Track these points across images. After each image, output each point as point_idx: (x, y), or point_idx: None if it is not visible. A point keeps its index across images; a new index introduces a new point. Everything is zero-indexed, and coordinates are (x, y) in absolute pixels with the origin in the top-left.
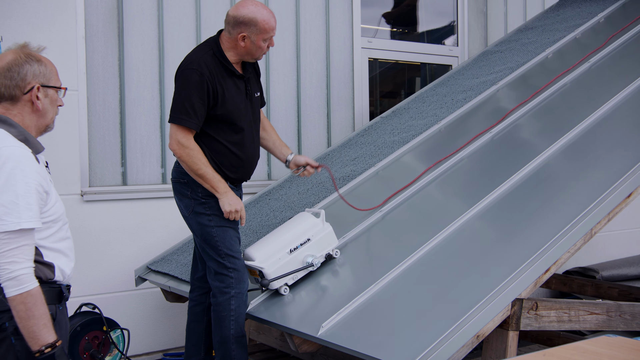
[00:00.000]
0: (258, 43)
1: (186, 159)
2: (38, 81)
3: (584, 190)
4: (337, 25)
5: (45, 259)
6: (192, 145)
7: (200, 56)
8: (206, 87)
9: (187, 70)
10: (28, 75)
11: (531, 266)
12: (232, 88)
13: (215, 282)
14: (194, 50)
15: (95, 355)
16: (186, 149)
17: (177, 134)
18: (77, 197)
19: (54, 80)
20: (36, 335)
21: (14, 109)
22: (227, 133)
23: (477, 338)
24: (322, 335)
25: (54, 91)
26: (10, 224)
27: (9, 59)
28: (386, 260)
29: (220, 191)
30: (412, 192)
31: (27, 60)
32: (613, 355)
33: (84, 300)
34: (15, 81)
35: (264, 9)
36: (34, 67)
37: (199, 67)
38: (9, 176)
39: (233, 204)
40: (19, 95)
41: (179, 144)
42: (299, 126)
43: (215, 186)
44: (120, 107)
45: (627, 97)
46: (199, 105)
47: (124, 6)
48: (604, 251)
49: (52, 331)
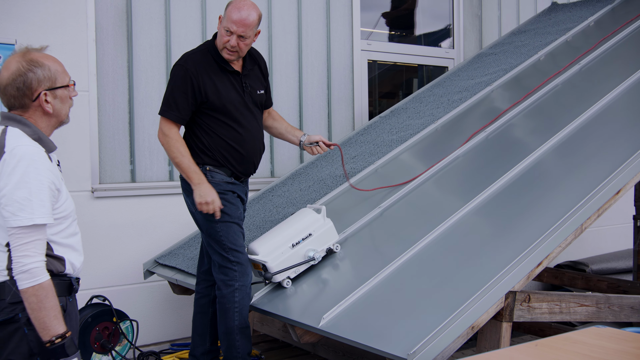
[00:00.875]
0: (221, 30)
1: (166, 146)
2: (44, 87)
3: (575, 187)
4: (338, 28)
5: (56, 253)
6: (172, 134)
7: (191, 53)
8: (190, 81)
9: (175, 67)
10: (33, 83)
11: (524, 260)
12: (226, 83)
13: (220, 275)
14: (191, 50)
15: (106, 345)
16: (166, 137)
17: (161, 124)
18: (88, 193)
19: (60, 79)
20: (47, 326)
21: (26, 115)
22: (226, 128)
23: (472, 329)
24: (323, 326)
25: (63, 89)
26: (24, 220)
27: (13, 69)
28: (385, 255)
29: (194, 182)
30: (410, 189)
31: (30, 68)
32: (602, 345)
33: (94, 293)
34: (22, 91)
35: (242, 6)
36: (37, 73)
37: (184, 62)
38: (23, 174)
39: (204, 195)
40: (28, 103)
41: (162, 133)
42: (300, 125)
43: (190, 176)
44: (129, 107)
45: (616, 97)
46: (182, 99)
47: (132, 10)
48: (593, 246)
49: (62, 322)
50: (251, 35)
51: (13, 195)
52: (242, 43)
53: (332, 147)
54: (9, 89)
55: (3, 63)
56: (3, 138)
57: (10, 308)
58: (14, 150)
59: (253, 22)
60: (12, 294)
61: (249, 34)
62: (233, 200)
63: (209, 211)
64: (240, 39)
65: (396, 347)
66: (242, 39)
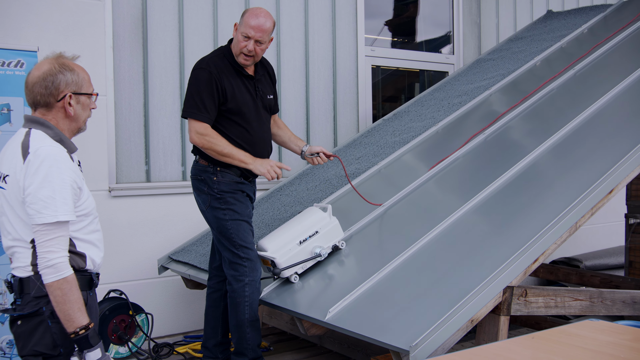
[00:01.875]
0: (238, 36)
1: (208, 145)
2: (70, 89)
3: (570, 187)
4: (343, 35)
5: (78, 249)
6: (210, 131)
7: (209, 57)
8: (214, 84)
9: (197, 70)
10: (61, 85)
11: (521, 257)
12: (242, 86)
13: (230, 271)
14: (211, 52)
15: (122, 336)
16: (205, 137)
17: (193, 126)
18: (106, 192)
19: (85, 87)
20: (71, 318)
21: (49, 114)
22: (239, 129)
23: (472, 322)
24: (329, 319)
25: (86, 97)
26: (48, 217)
27: (45, 69)
28: (388, 251)
29: (249, 162)
30: (412, 188)
31: (61, 70)
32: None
33: (112, 287)
34: (50, 90)
35: (259, 13)
36: (67, 76)
37: (207, 65)
38: (47, 173)
39: (265, 164)
40: (53, 103)
41: (198, 134)
42: (307, 128)
43: (242, 159)
44: (144, 110)
45: (609, 101)
46: (209, 100)
47: (148, 19)
48: (587, 243)
49: (85, 314)
50: (267, 41)
51: (37, 194)
52: (259, 48)
53: (331, 158)
54: (37, 87)
55: (35, 65)
56: (27, 140)
57: (34, 302)
58: (38, 151)
59: (269, 28)
60: (37, 289)
61: (265, 39)
62: (242, 199)
63: (276, 177)
64: (257, 44)
65: (399, 340)
66: (258, 44)
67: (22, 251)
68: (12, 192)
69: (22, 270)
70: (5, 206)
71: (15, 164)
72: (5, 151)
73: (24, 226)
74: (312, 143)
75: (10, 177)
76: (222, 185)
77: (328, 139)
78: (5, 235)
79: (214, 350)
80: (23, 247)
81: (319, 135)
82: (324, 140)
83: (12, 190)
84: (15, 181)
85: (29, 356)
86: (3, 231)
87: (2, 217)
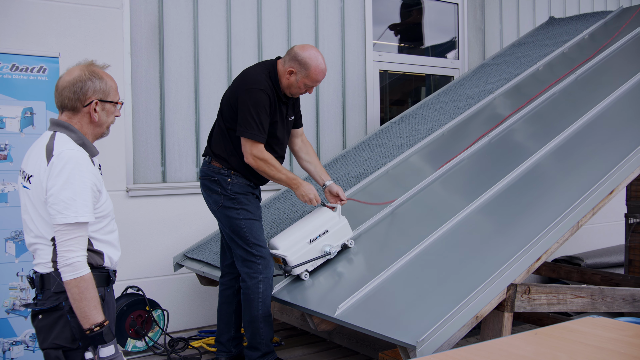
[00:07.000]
0: (299, 84)
1: (263, 169)
2: (97, 96)
3: (571, 187)
4: (352, 41)
5: (96, 248)
6: (266, 155)
7: (263, 80)
8: (270, 106)
9: (258, 91)
10: (89, 91)
11: (524, 255)
12: (279, 111)
13: (244, 269)
14: (256, 71)
15: (139, 331)
16: (262, 161)
17: (251, 148)
18: (123, 193)
19: (112, 95)
20: (87, 315)
21: (75, 118)
22: (268, 149)
23: (476, 319)
24: (338, 315)
25: (111, 105)
26: (69, 217)
27: (75, 74)
28: (395, 250)
29: (296, 185)
30: (418, 189)
31: (90, 78)
32: (596, 333)
33: (129, 283)
34: (78, 95)
35: (322, 62)
36: (95, 83)
37: (265, 88)
38: (69, 176)
39: (305, 194)
40: (79, 107)
41: (254, 157)
42: (317, 130)
43: (291, 184)
44: (160, 114)
45: (609, 104)
46: (266, 122)
47: (164, 26)
48: (588, 241)
49: (100, 312)
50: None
51: (59, 195)
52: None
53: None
54: (66, 91)
55: (67, 70)
56: (52, 143)
57: (55, 297)
58: (61, 154)
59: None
60: (57, 284)
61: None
62: (253, 200)
63: (313, 203)
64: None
65: (406, 335)
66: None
67: (43, 248)
68: (35, 192)
69: (43, 267)
70: (29, 205)
71: (40, 165)
72: (31, 152)
73: (45, 224)
74: (322, 145)
75: (34, 178)
76: (236, 187)
77: (337, 141)
78: (28, 232)
79: (227, 345)
80: (44, 245)
81: (328, 138)
82: (334, 143)
83: (36, 190)
84: (39, 182)
85: (49, 349)
86: (26, 229)
87: (25, 215)
